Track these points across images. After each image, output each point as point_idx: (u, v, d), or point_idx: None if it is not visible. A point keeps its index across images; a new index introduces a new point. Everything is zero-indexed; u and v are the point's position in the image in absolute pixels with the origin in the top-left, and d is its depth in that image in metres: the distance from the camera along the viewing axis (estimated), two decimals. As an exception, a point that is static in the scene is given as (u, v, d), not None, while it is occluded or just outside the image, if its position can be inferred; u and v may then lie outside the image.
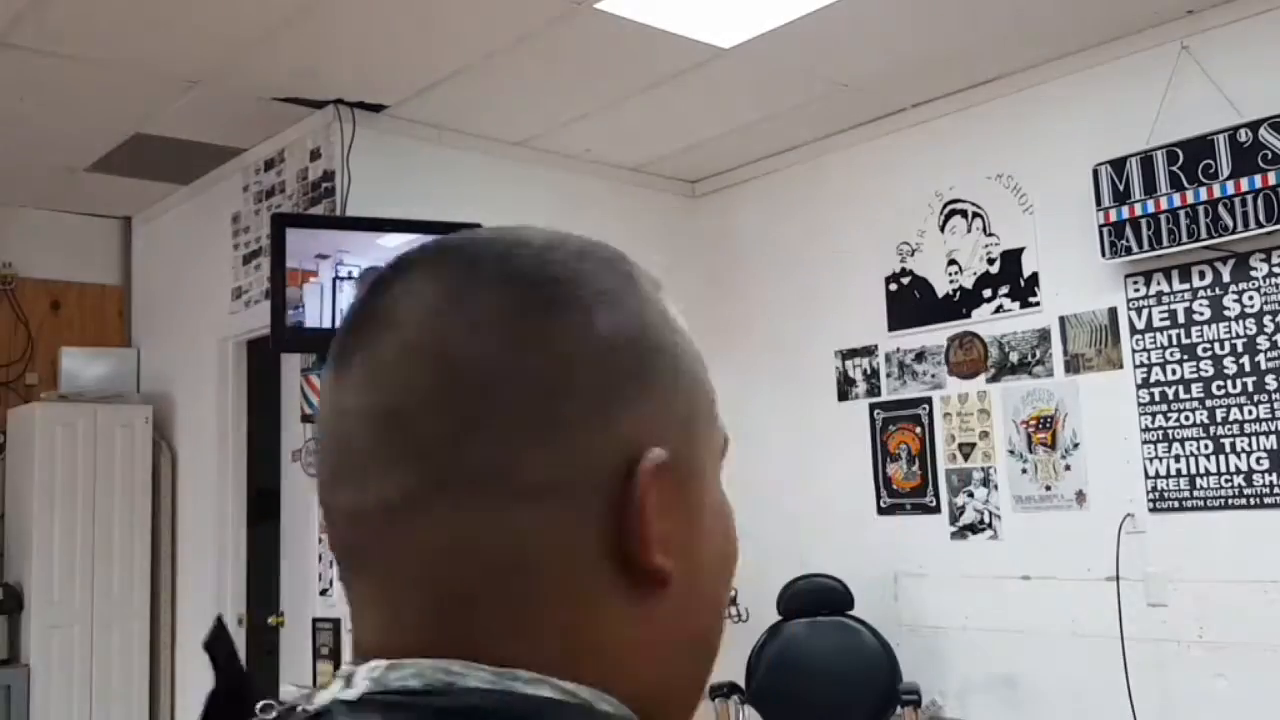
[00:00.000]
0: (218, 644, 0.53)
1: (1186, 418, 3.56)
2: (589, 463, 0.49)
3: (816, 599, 4.15)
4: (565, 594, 0.49)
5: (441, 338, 0.49)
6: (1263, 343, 3.42)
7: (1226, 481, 3.47)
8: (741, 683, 4.13)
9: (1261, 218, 3.33)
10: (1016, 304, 4.00)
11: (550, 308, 0.50)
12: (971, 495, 4.10)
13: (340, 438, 0.51)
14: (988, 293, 4.09)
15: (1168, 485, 3.59)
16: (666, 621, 0.52)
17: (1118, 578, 3.64)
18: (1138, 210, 3.58)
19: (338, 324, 0.55)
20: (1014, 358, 4.00)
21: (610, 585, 0.50)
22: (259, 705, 0.50)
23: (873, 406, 4.43)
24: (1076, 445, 3.81)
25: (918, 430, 4.29)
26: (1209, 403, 3.51)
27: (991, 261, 4.09)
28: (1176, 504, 3.56)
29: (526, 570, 0.49)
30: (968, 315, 4.15)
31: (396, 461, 0.49)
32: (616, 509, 0.49)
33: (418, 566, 0.49)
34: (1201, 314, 3.54)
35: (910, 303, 4.33)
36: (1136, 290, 3.68)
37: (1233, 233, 3.38)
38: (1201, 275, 3.55)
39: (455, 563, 0.49)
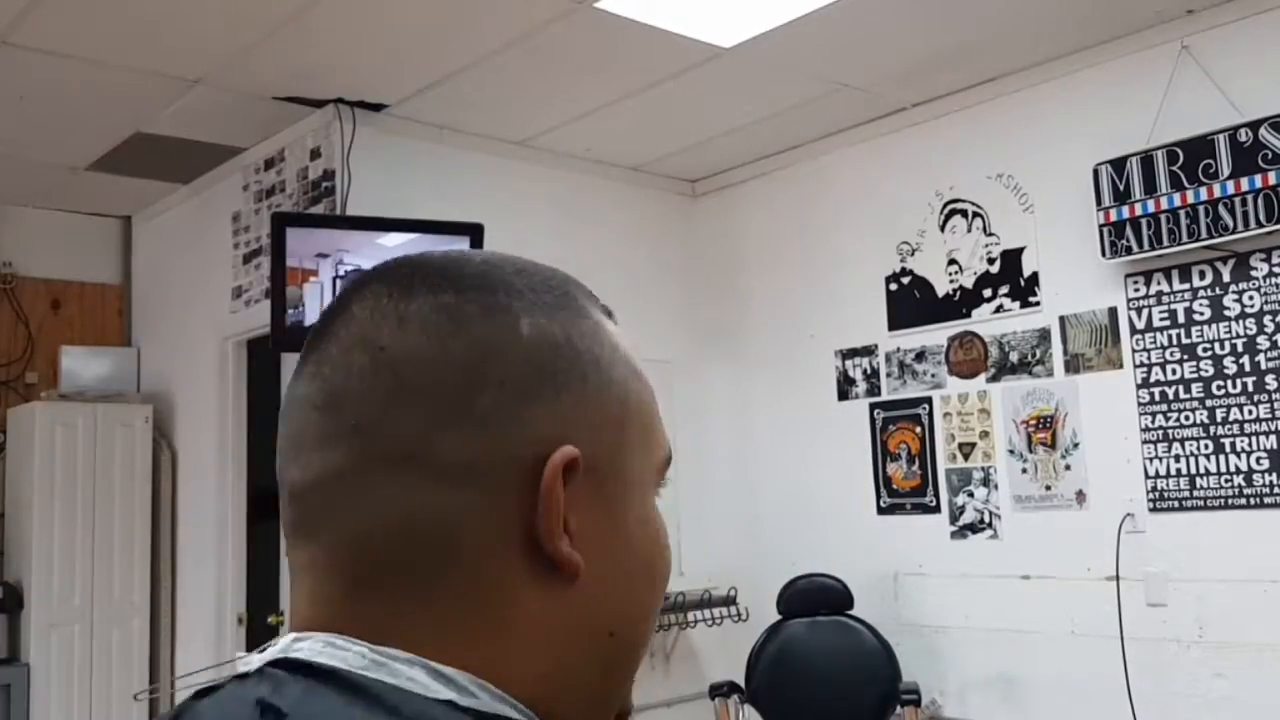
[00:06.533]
0: None
1: (1186, 417, 3.56)
2: (502, 450, 0.52)
3: (816, 598, 4.15)
4: (470, 572, 0.52)
5: (378, 331, 0.54)
6: (1263, 342, 3.42)
7: (1226, 481, 3.47)
8: (741, 682, 4.13)
9: (1262, 217, 3.33)
10: (1016, 304, 4.00)
11: (477, 309, 0.54)
12: (971, 495, 4.10)
13: (293, 420, 0.56)
14: (988, 292, 4.09)
15: (1167, 485, 3.59)
16: (573, 612, 0.53)
17: (1117, 577, 3.64)
18: (1138, 210, 3.58)
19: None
20: (1014, 357, 4.00)
21: (517, 569, 0.52)
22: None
23: (873, 406, 4.43)
24: (1076, 445, 3.81)
25: (918, 430, 4.29)
26: (1209, 403, 3.51)
27: (991, 261, 4.09)
28: (1176, 504, 3.56)
29: (436, 547, 0.51)
30: (968, 315, 4.15)
31: (332, 440, 0.53)
32: (525, 497, 0.52)
33: (344, 541, 0.53)
34: (1201, 314, 3.54)
35: (910, 302, 4.33)
36: (1136, 290, 3.68)
37: (1233, 233, 3.38)
38: (1201, 275, 3.55)
39: (375, 537, 0.52)
